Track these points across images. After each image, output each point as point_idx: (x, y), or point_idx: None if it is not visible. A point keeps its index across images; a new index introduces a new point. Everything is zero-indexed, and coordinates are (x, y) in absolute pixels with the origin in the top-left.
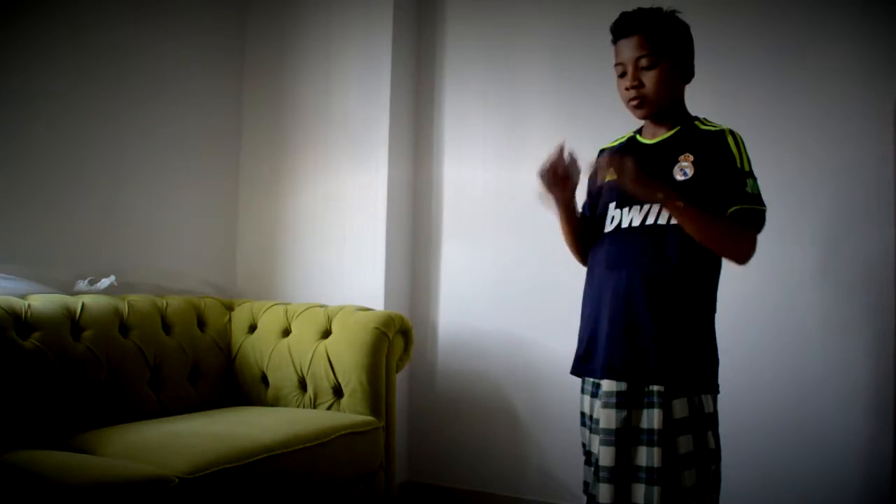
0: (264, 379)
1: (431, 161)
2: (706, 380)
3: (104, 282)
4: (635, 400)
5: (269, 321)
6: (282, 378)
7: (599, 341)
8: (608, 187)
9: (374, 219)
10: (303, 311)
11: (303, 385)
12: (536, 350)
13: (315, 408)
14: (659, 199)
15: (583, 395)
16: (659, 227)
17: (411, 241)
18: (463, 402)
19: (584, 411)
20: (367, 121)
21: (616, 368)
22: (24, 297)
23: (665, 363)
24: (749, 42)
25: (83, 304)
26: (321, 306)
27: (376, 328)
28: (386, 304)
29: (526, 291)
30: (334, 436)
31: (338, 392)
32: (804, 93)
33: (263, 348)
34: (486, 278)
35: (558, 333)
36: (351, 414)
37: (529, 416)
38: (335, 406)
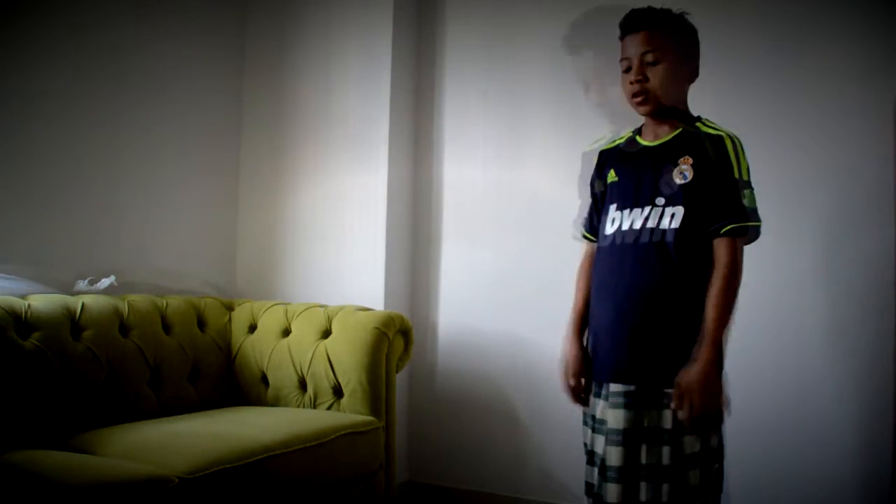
0: (264, 379)
1: (431, 161)
2: None
3: (104, 282)
4: (644, 400)
5: (269, 321)
6: (282, 378)
7: (607, 345)
8: (608, 188)
9: (374, 219)
10: (303, 311)
11: (303, 385)
12: (536, 350)
13: (315, 408)
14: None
15: (591, 395)
16: (659, 232)
17: (411, 241)
18: (463, 402)
19: (587, 411)
20: (367, 120)
21: (626, 371)
22: (24, 297)
23: (676, 366)
24: (748, 41)
25: (83, 304)
26: (321, 306)
27: (376, 328)
28: (386, 304)
29: (526, 291)
30: (334, 436)
31: (338, 392)
32: (804, 92)
33: (263, 348)
34: (487, 278)
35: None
36: (351, 414)
37: (529, 416)
38: (335, 406)
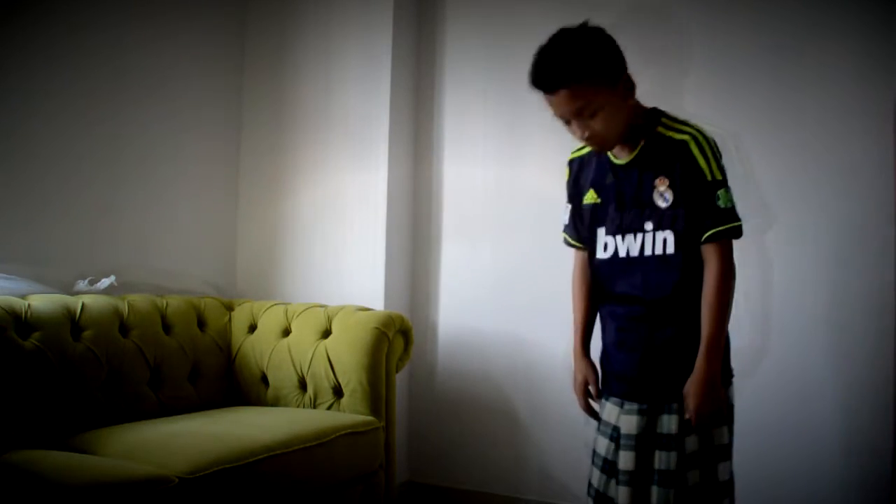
0: (264, 379)
1: (431, 160)
2: (721, 373)
3: (104, 282)
4: (657, 409)
5: (269, 321)
6: (282, 378)
7: (619, 362)
8: (590, 210)
9: (374, 219)
10: (303, 311)
11: (303, 385)
12: (536, 350)
13: (315, 408)
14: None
15: (602, 399)
16: (657, 255)
17: (411, 241)
18: (463, 402)
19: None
20: (367, 119)
21: (639, 391)
22: (24, 297)
23: (682, 380)
24: (748, 40)
25: (83, 304)
26: (321, 306)
27: (376, 328)
28: (386, 304)
29: (526, 291)
30: (334, 436)
31: (338, 392)
32: (804, 90)
33: (263, 348)
34: (487, 278)
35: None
36: (351, 414)
37: (529, 416)
38: (335, 406)
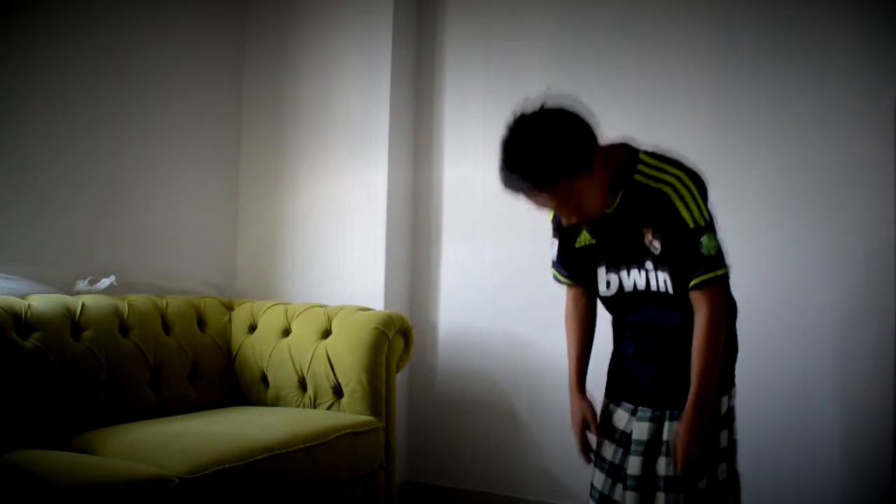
0: (264, 379)
1: (431, 161)
2: (722, 382)
3: (104, 282)
4: (665, 415)
5: (269, 321)
6: (282, 378)
7: (632, 372)
8: (586, 250)
9: (374, 219)
10: (303, 311)
11: (303, 385)
12: (536, 350)
13: (315, 408)
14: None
15: (610, 404)
16: (661, 291)
17: (411, 241)
18: (463, 402)
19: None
20: (367, 120)
21: (651, 399)
22: (24, 297)
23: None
24: (748, 39)
25: (83, 304)
26: (321, 306)
27: (376, 328)
28: (386, 304)
29: (526, 291)
30: (334, 436)
31: (338, 392)
32: (804, 90)
33: (263, 348)
34: (487, 278)
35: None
36: (351, 414)
37: (529, 416)
38: (335, 406)
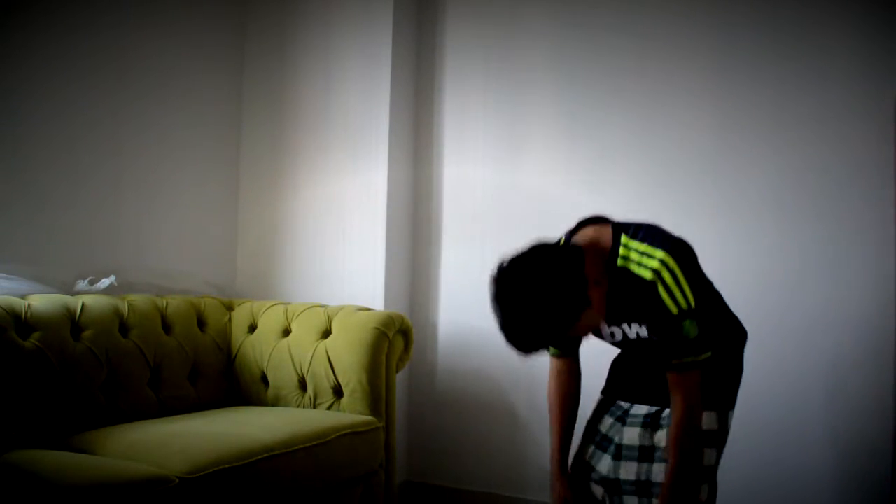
0: (264, 379)
1: (431, 160)
2: (724, 400)
3: (104, 282)
4: (655, 422)
5: (269, 321)
6: (282, 378)
7: (631, 376)
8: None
9: (374, 219)
10: (303, 311)
11: (303, 385)
12: None
13: (315, 408)
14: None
15: (605, 416)
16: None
17: (411, 241)
18: (463, 402)
19: (601, 429)
20: (367, 120)
21: (645, 394)
22: (24, 297)
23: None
24: (748, 39)
25: (83, 304)
26: (321, 306)
27: (376, 328)
28: (386, 304)
29: None
30: (334, 436)
31: (338, 392)
32: (804, 90)
33: (263, 348)
34: (487, 278)
35: None
36: (351, 414)
37: (529, 416)
38: (335, 406)
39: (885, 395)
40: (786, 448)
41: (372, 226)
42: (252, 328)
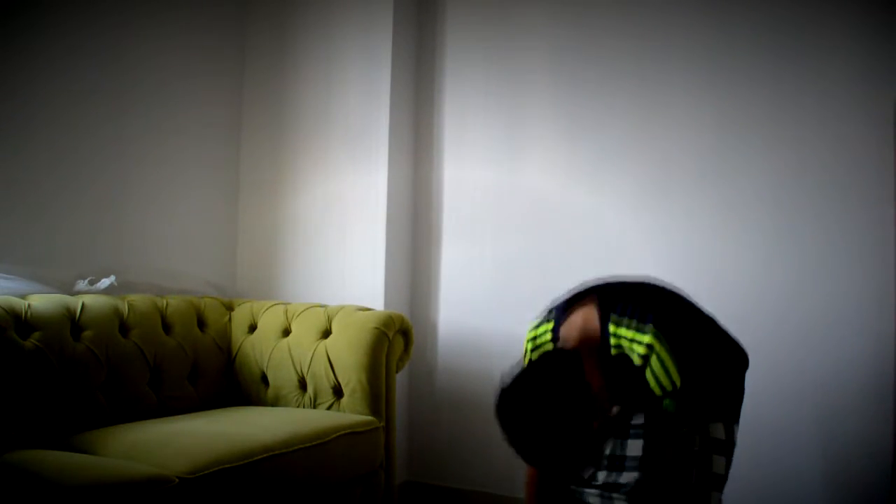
0: (264, 379)
1: (431, 161)
2: (730, 412)
3: (104, 282)
4: (655, 431)
5: (269, 321)
6: (282, 378)
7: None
8: None
9: (374, 219)
10: (303, 311)
11: (303, 385)
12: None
13: (315, 408)
14: None
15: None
16: None
17: (411, 241)
18: (463, 401)
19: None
20: (368, 120)
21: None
22: (24, 297)
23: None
24: (747, 39)
25: (83, 304)
26: (321, 306)
27: (376, 328)
28: (386, 304)
29: (526, 291)
30: (334, 436)
31: (338, 392)
32: (804, 90)
33: (263, 348)
34: (486, 278)
35: None
36: (351, 414)
37: None
38: (335, 406)
39: (885, 395)
40: (784, 448)
41: (372, 226)
42: (252, 328)
